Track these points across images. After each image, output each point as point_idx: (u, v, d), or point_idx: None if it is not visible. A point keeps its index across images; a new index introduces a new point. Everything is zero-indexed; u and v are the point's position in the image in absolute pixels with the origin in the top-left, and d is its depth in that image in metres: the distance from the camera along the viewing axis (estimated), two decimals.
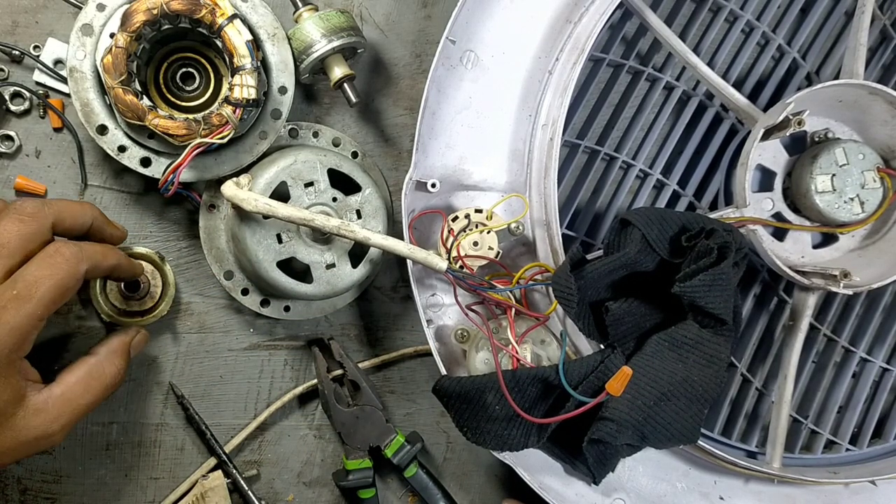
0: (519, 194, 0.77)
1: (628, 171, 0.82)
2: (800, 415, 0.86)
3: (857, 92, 0.79)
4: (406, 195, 0.74)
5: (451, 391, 0.70)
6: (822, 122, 0.84)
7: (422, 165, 0.76)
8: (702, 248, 0.66)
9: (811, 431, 0.87)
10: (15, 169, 0.81)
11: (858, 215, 0.80)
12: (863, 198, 0.80)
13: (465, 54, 0.77)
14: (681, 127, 0.83)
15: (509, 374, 0.68)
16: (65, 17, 0.80)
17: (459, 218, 0.74)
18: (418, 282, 0.75)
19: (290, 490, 0.88)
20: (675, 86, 0.83)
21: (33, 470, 0.83)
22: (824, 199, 0.80)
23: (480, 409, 0.69)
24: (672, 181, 0.83)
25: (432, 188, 0.75)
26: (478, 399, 0.68)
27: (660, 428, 0.67)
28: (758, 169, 0.84)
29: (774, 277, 0.86)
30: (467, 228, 0.74)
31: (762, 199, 0.83)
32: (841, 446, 0.86)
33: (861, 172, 0.80)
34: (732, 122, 0.84)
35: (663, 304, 0.70)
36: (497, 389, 0.67)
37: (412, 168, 0.74)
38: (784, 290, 0.86)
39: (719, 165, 0.84)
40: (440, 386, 0.71)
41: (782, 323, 0.86)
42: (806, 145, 0.84)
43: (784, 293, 0.86)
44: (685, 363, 0.67)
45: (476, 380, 0.69)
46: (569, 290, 0.66)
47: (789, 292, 0.86)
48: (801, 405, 0.87)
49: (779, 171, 0.84)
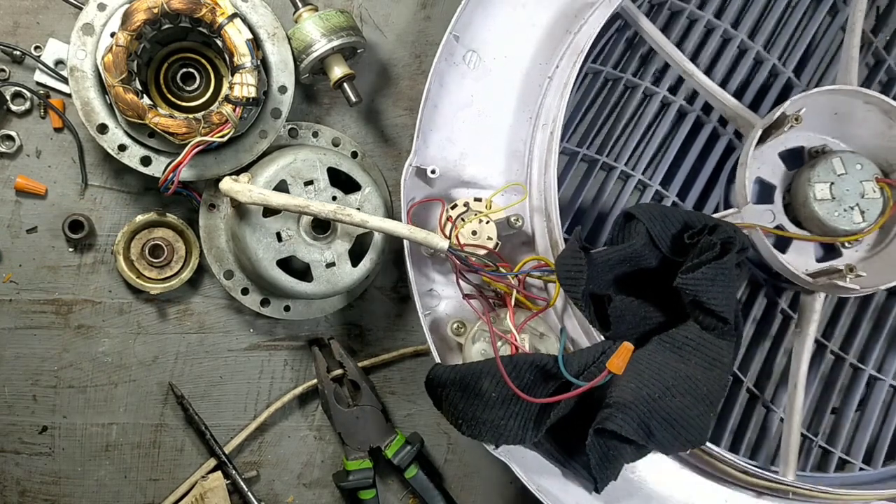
0: (519, 183, 0.77)
1: (627, 181, 0.83)
2: (810, 433, 0.84)
3: (853, 102, 0.80)
4: (405, 181, 0.74)
5: (445, 379, 0.69)
6: (819, 137, 0.84)
7: (422, 153, 0.76)
8: (705, 244, 0.66)
9: (822, 451, 0.84)
10: (16, 169, 0.81)
11: (859, 224, 0.79)
12: (863, 207, 0.79)
13: (468, 54, 0.78)
14: (679, 140, 0.84)
15: (507, 358, 0.67)
16: (66, 17, 0.81)
17: (458, 206, 0.74)
18: (415, 268, 0.75)
19: (290, 491, 0.87)
20: (671, 101, 0.84)
21: (32, 471, 0.83)
22: (823, 207, 0.79)
23: (476, 396, 0.68)
24: (672, 193, 0.83)
25: (432, 174, 0.75)
26: (474, 385, 0.67)
27: (665, 424, 0.65)
28: (757, 182, 0.84)
29: (778, 291, 0.85)
30: (465, 217, 0.74)
31: (763, 212, 0.83)
32: (854, 466, 0.84)
33: (859, 182, 0.80)
34: (730, 138, 0.85)
35: (665, 307, 0.69)
36: (494, 374, 0.66)
37: (412, 154, 0.74)
38: (789, 306, 0.85)
39: (718, 180, 0.85)
40: (434, 374, 0.69)
41: (789, 335, 0.84)
42: (804, 160, 0.85)
43: (789, 308, 0.85)
44: (687, 364, 0.66)
45: (472, 366, 0.68)
46: (577, 269, 0.65)
47: (794, 307, 0.84)
48: (810, 423, 0.85)
49: (778, 184, 0.84)
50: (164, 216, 0.81)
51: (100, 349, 0.83)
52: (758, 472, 0.75)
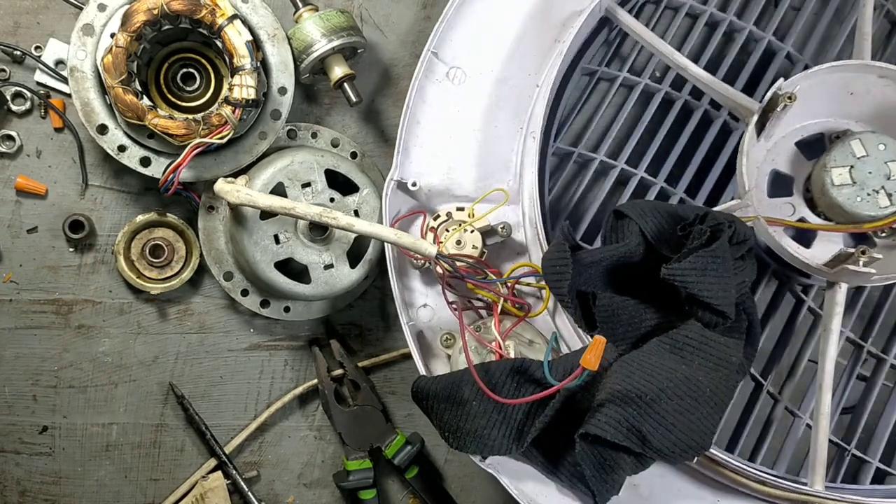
0: (501, 188, 0.76)
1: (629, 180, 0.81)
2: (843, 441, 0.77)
3: (867, 79, 0.75)
4: (387, 196, 0.73)
5: (428, 391, 0.68)
6: (840, 122, 0.78)
7: (405, 168, 0.75)
8: (696, 233, 0.63)
9: (857, 460, 0.77)
10: (16, 169, 0.81)
11: (887, 208, 0.73)
12: (889, 189, 0.73)
13: (452, 70, 0.77)
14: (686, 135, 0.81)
15: (482, 365, 0.66)
16: (66, 17, 0.81)
17: (441, 216, 0.73)
18: (398, 278, 0.74)
19: (291, 491, 0.88)
20: (657, 89, 0.82)
21: (32, 471, 0.83)
22: (843, 193, 0.73)
23: (458, 405, 0.67)
24: (679, 190, 0.80)
25: (413, 187, 0.74)
26: (455, 394, 0.66)
27: (660, 428, 0.61)
28: (772, 174, 0.79)
29: (805, 289, 0.80)
30: (449, 227, 0.73)
31: (782, 205, 0.77)
32: (894, 477, 0.77)
33: (884, 163, 0.73)
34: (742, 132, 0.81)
35: (665, 307, 0.67)
36: (473, 383, 0.65)
37: (393, 169, 0.74)
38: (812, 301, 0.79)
39: (731, 179, 0.81)
40: (418, 387, 0.68)
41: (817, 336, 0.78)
42: (825, 147, 0.79)
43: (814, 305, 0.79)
44: (689, 365, 0.63)
45: (453, 374, 0.67)
46: (562, 263, 0.63)
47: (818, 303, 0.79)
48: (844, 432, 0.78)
49: (796, 176, 0.78)
50: (165, 216, 0.81)
51: (100, 349, 0.83)
52: (780, 482, 0.69)
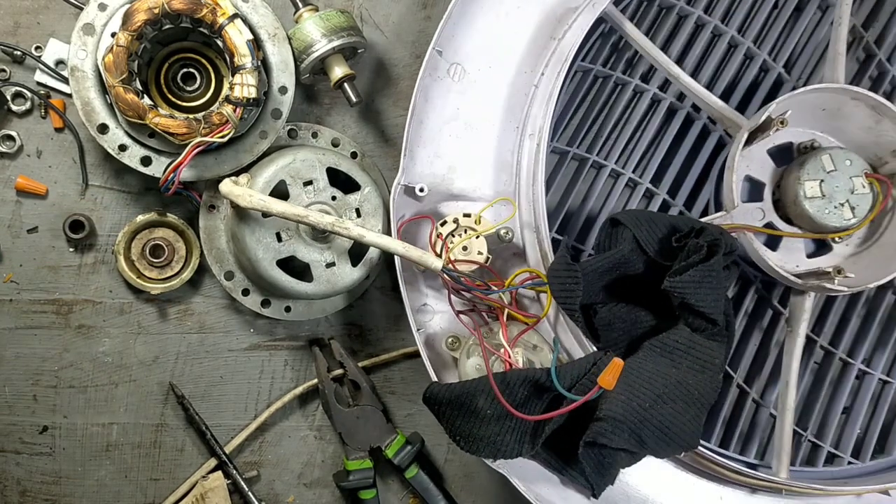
0: (507, 198, 0.77)
1: (618, 180, 0.83)
2: (799, 427, 0.85)
3: (840, 98, 0.80)
4: (394, 200, 0.74)
5: (441, 398, 0.69)
6: (807, 133, 0.85)
7: (410, 171, 0.76)
8: (692, 247, 0.66)
9: (812, 445, 0.85)
10: (16, 169, 0.81)
11: (850, 220, 0.79)
12: (853, 203, 0.80)
13: (453, 67, 0.77)
14: (669, 138, 0.83)
15: (499, 375, 0.67)
16: (66, 17, 0.81)
17: (448, 222, 0.74)
18: (407, 284, 0.75)
19: (291, 491, 0.87)
20: (661, 98, 0.84)
21: (32, 471, 0.83)
22: (814, 205, 0.80)
23: (471, 413, 0.68)
24: (662, 190, 0.83)
25: (420, 192, 0.75)
26: (469, 404, 0.68)
27: (657, 432, 0.66)
28: (746, 180, 0.84)
29: (768, 287, 0.85)
30: (455, 233, 0.73)
31: (752, 210, 0.83)
32: (843, 459, 0.85)
33: (849, 178, 0.80)
34: (720, 135, 0.85)
35: (655, 311, 0.70)
36: (488, 392, 0.67)
37: (400, 173, 0.74)
38: (779, 301, 0.86)
39: (709, 177, 0.85)
40: (430, 393, 0.69)
41: (779, 330, 0.85)
42: (793, 156, 0.85)
43: (779, 304, 0.85)
44: (678, 368, 0.66)
45: (466, 384, 0.68)
46: (573, 281, 0.65)
47: (784, 302, 0.85)
48: (799, 418, 0.86)
49: (767, 181, 0.84)
50: (165, 216, 0.81)
51: (100, 349, 0.83)
52: (751, 472, 0.76)
